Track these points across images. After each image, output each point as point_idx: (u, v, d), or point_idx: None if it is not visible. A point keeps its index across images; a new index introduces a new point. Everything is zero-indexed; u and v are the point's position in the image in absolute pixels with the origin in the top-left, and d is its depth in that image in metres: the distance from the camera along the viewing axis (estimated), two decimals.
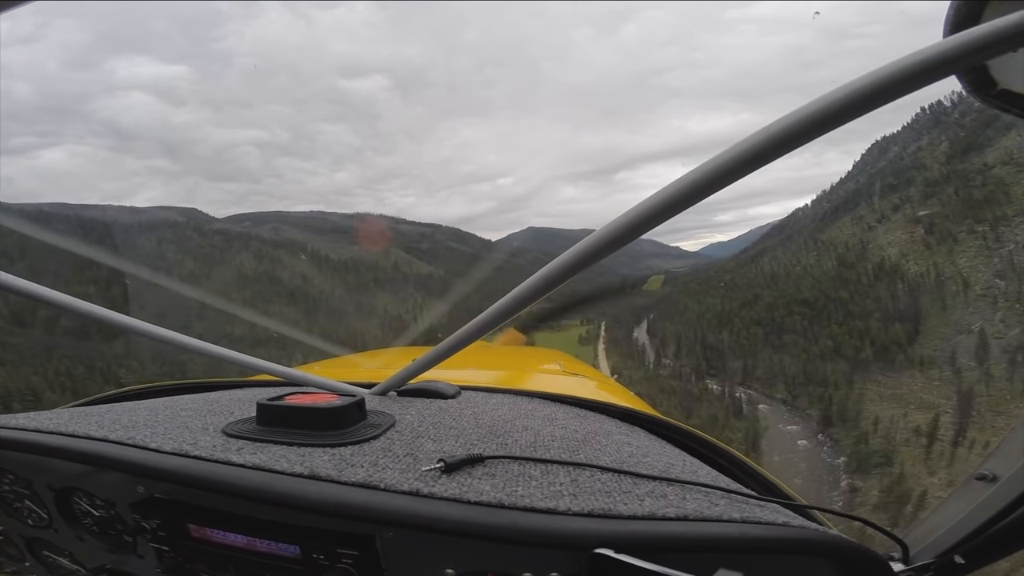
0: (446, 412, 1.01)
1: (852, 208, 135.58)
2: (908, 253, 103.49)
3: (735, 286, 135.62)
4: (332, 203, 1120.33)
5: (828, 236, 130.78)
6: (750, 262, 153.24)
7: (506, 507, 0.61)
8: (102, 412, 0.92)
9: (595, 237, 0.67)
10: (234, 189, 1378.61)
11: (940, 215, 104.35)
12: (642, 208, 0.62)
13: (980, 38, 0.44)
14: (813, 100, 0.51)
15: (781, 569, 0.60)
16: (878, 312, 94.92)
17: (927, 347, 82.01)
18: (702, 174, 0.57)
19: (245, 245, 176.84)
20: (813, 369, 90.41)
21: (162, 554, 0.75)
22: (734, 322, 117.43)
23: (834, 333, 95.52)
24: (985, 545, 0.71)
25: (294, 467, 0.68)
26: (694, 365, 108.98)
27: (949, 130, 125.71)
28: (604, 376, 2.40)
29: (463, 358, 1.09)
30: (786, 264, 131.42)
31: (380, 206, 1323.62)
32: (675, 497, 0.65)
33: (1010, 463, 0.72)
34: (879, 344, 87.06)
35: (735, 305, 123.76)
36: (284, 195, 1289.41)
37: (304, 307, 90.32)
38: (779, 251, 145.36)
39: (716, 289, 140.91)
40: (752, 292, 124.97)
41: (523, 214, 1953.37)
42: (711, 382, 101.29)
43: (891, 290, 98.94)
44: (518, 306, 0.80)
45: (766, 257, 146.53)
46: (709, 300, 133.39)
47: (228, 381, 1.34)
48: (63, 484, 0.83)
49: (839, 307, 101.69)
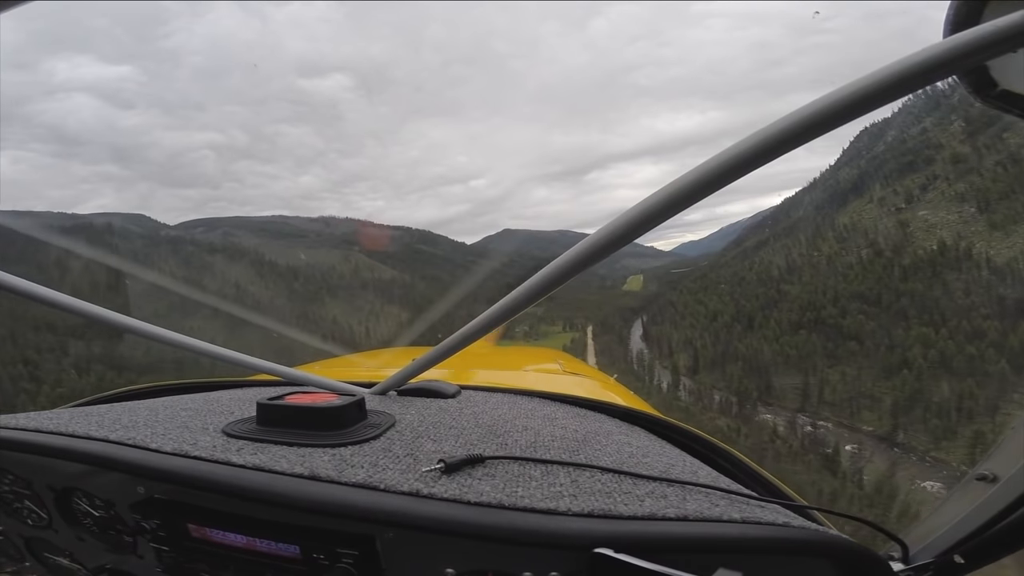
0: (446, 412, 1.01)
1: (862, 191, 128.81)
2: (967, 235, 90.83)
3: (743, 281, 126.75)
4: (298, 208, 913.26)
5: (847, 221, 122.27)
6: (746, 255, 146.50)
7: (506, 507, 0.61)
8: (102, 412, 0.92)
9: (595, 238, 0.67)
10: (192, 195, 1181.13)
11: (992, 191, 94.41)
12: (641, 209, 0.62)
13: (980, 38, 0.44)
14: (813, 100, 0.51)
15: (781, 569, 0.60)
16: (984, 308, 73.47)
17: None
18: (702, 174, 0.57)
19: (174, 250, 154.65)
20: (919, 389, 66.74)
21: (162, 554, 0.75)
22: (765, 326, 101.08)
23: (927, 338, 73.33)
24: (985, 545, 0.71)
25: (294, 467, 0.68)
26: (729, 385, 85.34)
27: (959, 110, 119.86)
28: (604, 376, 2.41)
29: (463, 358, 1.09)
30: (801, 254, 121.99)
31: (348, 210, 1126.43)
32: (675, 497, 0.65)
33: (1010, 463, 0.72)
34: (1014, 351, 64.02)
35: (755, 304, 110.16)
36: (246, 200, 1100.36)
37: (228, 320, 70.59)
38: (784, 241, 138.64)
39: (716, 286, 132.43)
40: (772, 288, 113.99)
41: (497, 216, 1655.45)
42: (766, 412, 75.67)
43: (978, 280, 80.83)
44: (518, 306, 0.80)
45: (766, 249, 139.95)
46: (716, 299, 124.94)
47: (228, 381, 1.34)
48: (63, 484, 0.83)
49: (913, 302, 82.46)
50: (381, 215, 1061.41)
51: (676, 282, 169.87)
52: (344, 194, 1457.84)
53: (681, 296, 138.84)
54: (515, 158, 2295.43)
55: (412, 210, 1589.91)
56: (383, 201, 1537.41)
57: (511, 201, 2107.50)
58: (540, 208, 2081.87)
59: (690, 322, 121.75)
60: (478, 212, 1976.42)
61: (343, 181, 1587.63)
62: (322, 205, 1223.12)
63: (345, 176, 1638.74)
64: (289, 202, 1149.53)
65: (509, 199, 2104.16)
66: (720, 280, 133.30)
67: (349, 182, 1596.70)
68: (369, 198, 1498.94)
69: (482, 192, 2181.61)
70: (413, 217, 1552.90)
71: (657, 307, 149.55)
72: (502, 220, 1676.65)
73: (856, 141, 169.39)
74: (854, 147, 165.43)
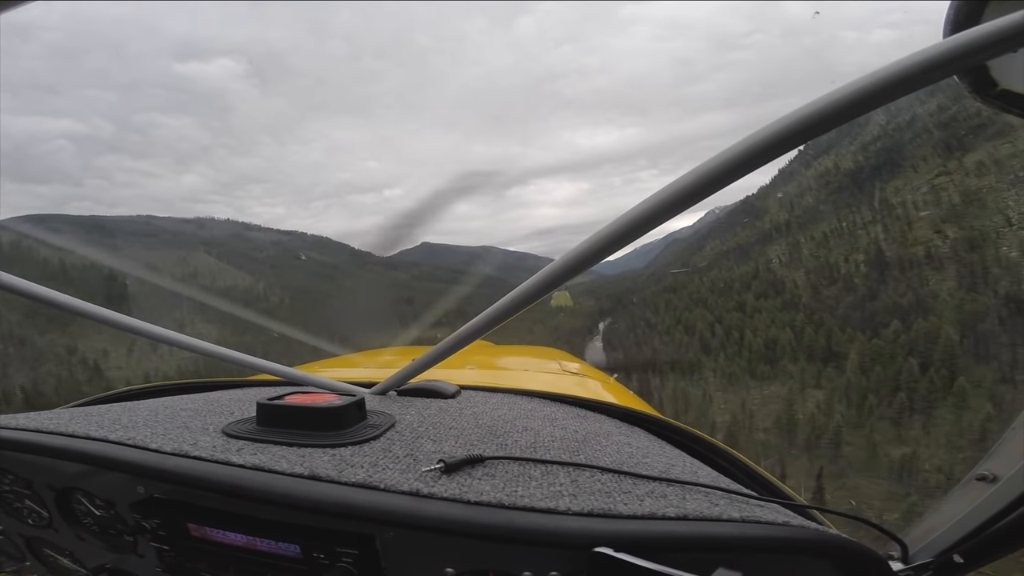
0: (446, 412, 1.01)
1: (896, 172, 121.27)
2: None
3: (780, 287, 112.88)
4: (181, 211, 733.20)
5: (897, 199, 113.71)
6: (743, 256, 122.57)
7: (506, 507, 0.61)
8: (102, 412, 0.92)
9: (593, 240, 0.68)
10: (46, 193, 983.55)
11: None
12: (639, 211, 0.63)
13: (980, 38, 0.44)
14: (813, 100, 0.51)
15: (781, 568, 0.60)
16: None
17: None
18: (702, 174, 0.57)
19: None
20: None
21: (162, 553, 0.75)
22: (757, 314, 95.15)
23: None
24: (984, 545, 0.71)
25: (294, 467, 0.68)
26: None
27: None
28: (604, 376, 2.38)
29: (463, 358, 1.12)
30: (846, 248, 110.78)
31: (241, 216, 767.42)
32: (675, 497, 0.65)
33: (1010, 463, 0.72)
34: None
35: (864, 316, 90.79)
36: (116, 201, 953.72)
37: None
38: (796, 236, 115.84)
39: (721, 293, 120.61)
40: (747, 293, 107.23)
41: (415, 230, 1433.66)
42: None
43: None
44: (518, 306, 0.80)
45: (779, 245, 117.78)
46: (762, 311, 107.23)
47: (228, 381, 1.35)
48: (63, 484, 0.83)
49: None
50: (282, 224, 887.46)
51: (622, 296, 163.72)
52: (237, 197, 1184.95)
53: (686, 302, 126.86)
54: (432, 167, 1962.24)
55: (318, 220, 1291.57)
56: (283, 208, 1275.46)
57: (430, 215, 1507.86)
58: (461, 223, 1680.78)
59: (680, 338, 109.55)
60: (392, 225, 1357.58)
61: (234, 183, 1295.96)
62: (211, 208, 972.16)
63: (236, 177, 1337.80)
64: (170, 204, 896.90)
65: (427, 212, 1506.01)
66: (712, 286, 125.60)
67: (241, 184, 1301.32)
68: (266, 203, 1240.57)
69: (397, 203, 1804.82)
70: (320, 228, 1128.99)
71: (625, 322, 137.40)
72: (420, 234, 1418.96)
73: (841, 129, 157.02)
74: (839, 134, 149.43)
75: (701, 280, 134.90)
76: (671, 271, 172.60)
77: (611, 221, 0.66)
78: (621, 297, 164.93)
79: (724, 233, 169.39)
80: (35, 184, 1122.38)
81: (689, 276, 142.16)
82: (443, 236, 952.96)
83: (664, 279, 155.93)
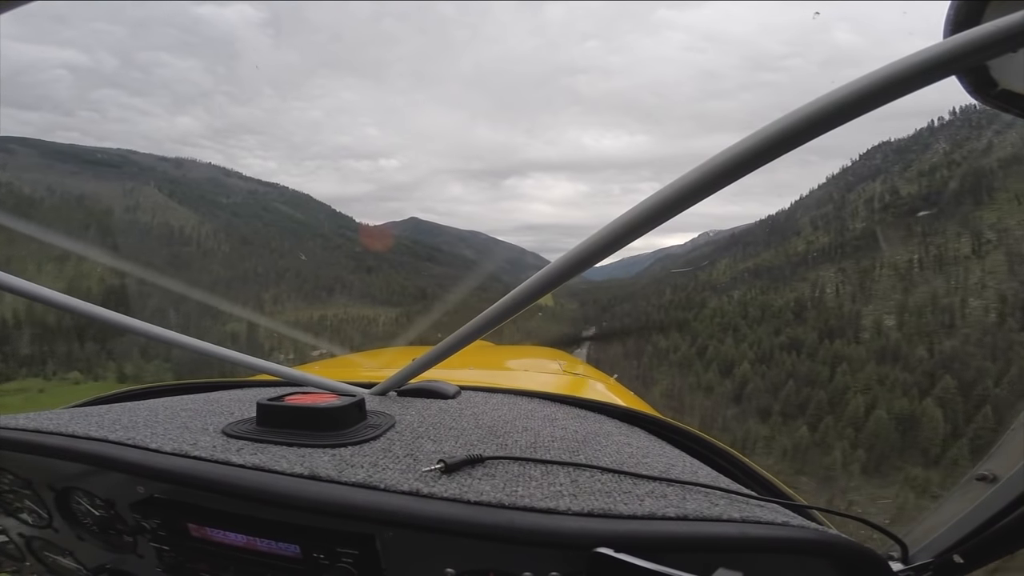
0: (446, 412, 1.01)
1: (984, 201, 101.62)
2: None
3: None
4: (169, 151, 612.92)
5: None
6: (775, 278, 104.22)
7: (506, 507, 0.61)
8: (102, 412, 0.92)
9: (595, 238, 0.68)
10: (33, 119, 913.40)
11: None
12: (640, 210, 0.63)
13: (980, 38, 0.44)
14: (813, 100, 0.51)
15: (781, 569, 0.60)
16: None
17: None
18: (702, 174, 0.57)
19: None
20: None
21: (162, 554, 0.75)
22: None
23: None
24: (984, 545, 0.71)
25: (294, 467, 0.68)
26: None
27: None
28: (604, 376, 2.40)
29: (463, 358, 1.10)
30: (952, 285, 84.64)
31: (231, 164, 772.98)
32: (675, 497, 0.65)
33: (1010, 463, 0.72)
34: None
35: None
36: (104, 135, 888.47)
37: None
38: (857, 262, 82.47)
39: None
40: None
41: (405, 205, 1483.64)
42: None
43: None
44: (518, 306, 0.81)
45: (827, 271, 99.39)
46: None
47: (228, 381, 1.35)
48: (63, 484, 0.83)
49: None
50: (272, 178, 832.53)
51: (610, 304, 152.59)
52: (228, 146, 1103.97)
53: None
54: (433, 144, 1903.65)
55: (309, 179, 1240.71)
56: (275, 163, 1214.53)
57: (422, 191, 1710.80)
58: (453, 206, 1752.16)
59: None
60: (383, 196, 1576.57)
61: (228, 130, 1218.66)
62: (201, 153, 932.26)
63: (231, 125, 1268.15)
64: (159, 143, 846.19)
65: (420, 189, 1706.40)
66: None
67: (235, 133, 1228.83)
68: (259, 155, 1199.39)
69: (391, 175, 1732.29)
70: (309, 188, 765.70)
71: (620, 341, 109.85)
72: (410, 209, 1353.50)
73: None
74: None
75: (727, 299, 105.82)
76: (673, 270, 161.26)
77: (611, 221, 0.66)
78: (609, 305, 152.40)
79: (742, 250, 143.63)
80: (22, 110, 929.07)
81: (707, 294, 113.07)
82: (433, 216, 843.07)
83: (664, 294, 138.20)
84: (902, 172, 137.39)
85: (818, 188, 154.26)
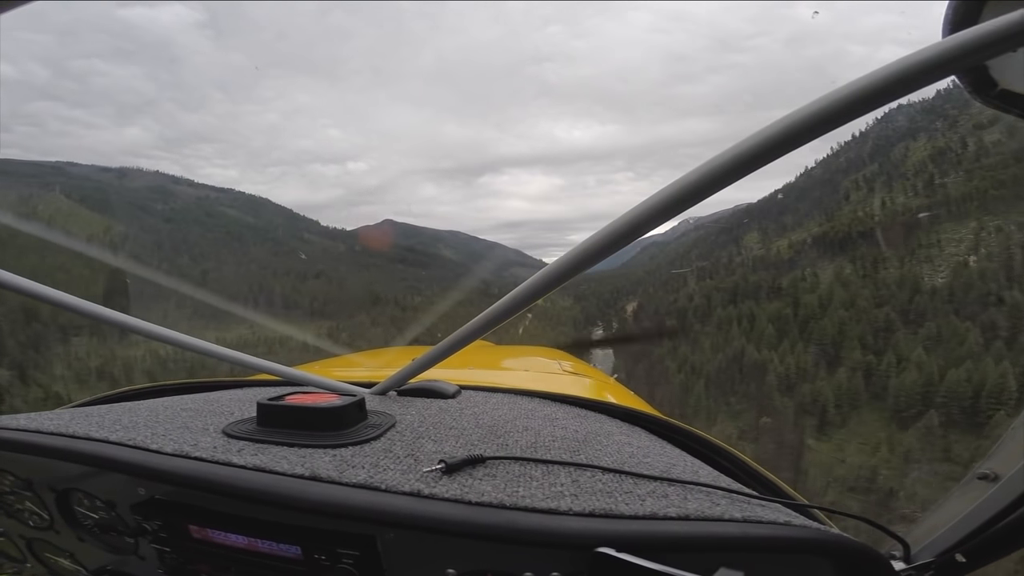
0: (446, 412, 1.01)
1: None
2: None
3: None
4: (120, 165, 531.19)
5: None
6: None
7: (507, 507, 0.61)
8: (102, 413, 0.92)
9: (596, 238, 0.68)
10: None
11: None
12: (641, 209, 0.63)
13: (980, 38, 0.44)
14: (813, 100, 0.51)
15: (783, 568, 0.60)
16: None
17: None
18: (702, 175, 0.57)
19: None
20: None
21: (163, 555, 0.75)
22: None
23: None
24: (986, 544, 0.72)
25: (295, 468, 0.68)
26: None
27: None
28: (605, 376, 2.41)
29: (463, 358, 1.11)
30: None
31: (189, 175, 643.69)
32: (677, 497, 0.65)
33: (1011, 462, 0.72)
34: None
35: None
36: (47, 151, 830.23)
37: None
38: None
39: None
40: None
41: (378, 208, 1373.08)
42: None
43: None
44: (518, 306, 0.81)
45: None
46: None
47: (228, 381, 1.35)
48: (64, 485, 0.83)
49: None
50: (236, 187, 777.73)
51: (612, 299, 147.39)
52: (184, 156, 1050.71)
53: None
54: (400, 143, 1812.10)
55: (274, 187, 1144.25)
56: (236, 171, 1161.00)
57: (394, 194, 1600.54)
58: (428, 206, 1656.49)
59: None
60: (354, 200, 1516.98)
61: (182, 139, 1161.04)
62: (156, 165, 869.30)
63: (184, 134, 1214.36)
64: (110, 157, 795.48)
65: (392, 191, 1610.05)
66: None
67: (190, 141, 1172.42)
68: (217, 164, 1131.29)
69: (360, 179, 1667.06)
70: (276, 196, 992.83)
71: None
72: (383, 213, 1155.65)
73: None
74: None
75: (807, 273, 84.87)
76: (673, 271, 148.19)
77: (611, 221, 0.66)
78: (612, 300, 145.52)
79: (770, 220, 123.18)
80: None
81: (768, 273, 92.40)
82: (409, 219, 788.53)
83: (671, 280, 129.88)
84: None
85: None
